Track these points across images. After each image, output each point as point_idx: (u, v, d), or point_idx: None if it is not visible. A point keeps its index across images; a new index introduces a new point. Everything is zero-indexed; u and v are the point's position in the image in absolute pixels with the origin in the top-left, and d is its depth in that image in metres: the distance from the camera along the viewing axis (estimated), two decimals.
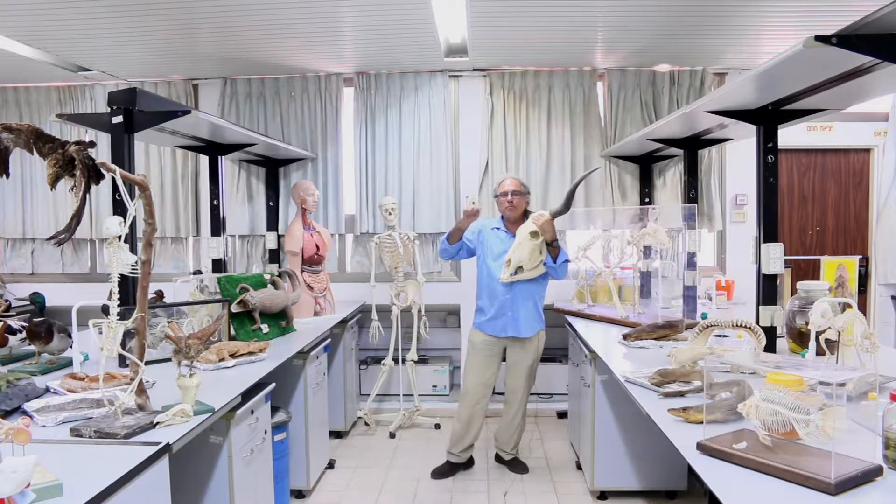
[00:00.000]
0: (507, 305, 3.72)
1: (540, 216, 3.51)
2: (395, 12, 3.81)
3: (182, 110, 3.14)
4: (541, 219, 3.49)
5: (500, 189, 3.78)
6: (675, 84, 5.06)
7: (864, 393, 2.06)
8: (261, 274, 3.95)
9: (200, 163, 5.21)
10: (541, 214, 3.52)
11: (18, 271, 5.49)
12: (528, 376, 3.87)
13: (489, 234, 3.82)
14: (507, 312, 3.73)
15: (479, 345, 3.85)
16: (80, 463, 1.75)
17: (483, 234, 3.83)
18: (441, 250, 3.91)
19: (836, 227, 5.39)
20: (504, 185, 3.78)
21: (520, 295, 3.70)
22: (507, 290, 3.69)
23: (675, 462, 3.46)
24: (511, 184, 3.75)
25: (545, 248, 3.57)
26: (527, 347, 3.81)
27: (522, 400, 3.92)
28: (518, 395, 3.89)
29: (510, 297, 3.70)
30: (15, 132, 2.26)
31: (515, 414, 3.93)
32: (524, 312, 3.73)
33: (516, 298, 3.71)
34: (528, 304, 3.73)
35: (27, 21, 3.81)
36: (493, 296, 3.75)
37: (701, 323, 2.70)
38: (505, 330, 3.76)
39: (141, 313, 2.10)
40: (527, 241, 3.51)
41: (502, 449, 4.03)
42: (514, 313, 3.72)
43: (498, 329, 3.77)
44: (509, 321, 3.74)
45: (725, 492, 1.57)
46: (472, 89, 5.20)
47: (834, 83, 2.47)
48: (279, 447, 3.21)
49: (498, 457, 4.09)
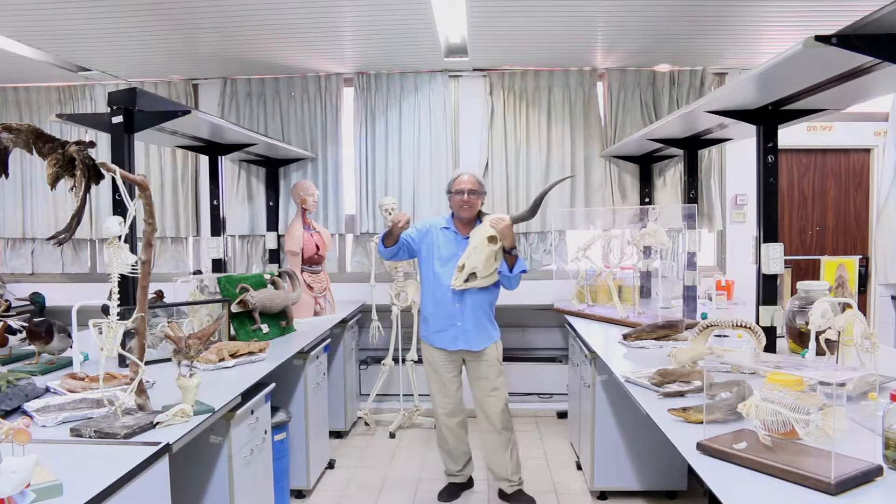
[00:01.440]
0: (457, 315, 3.35)
1: (500, 220, 3.23)
2: (395, 12, 3.81)
3: (182, 110, 3.14)
4: (501, 223, 3.21)
5: (456, 185, 3.40)
6: (675, 84, 5.06)
7: (864, 393, 2.06)
8: (261, 274, 3.95)
9: (200, 163, 5.21)
10: (500, 218, 3.25)
11: (18, 271, 5.49)
12: (496, 390, 3.44)
13: (437, 233, 3.43)
14: (457, 323, 3.36)
15: (435, 361, 3.47)
16: (80, 463, 1.75)
17: (431, 233, 3.44)
18: (379, 251, 3.51)
19: (836, 227, 5.39)
20: (460, 182, 3.39)
21: (470, 304, 3.33)
22: (456, 298, 3.32)
23: (675, 462, 3.46)
24: (468, 181, 3.38)
25: (501, 255, 3.27)
26: (485, 360, 3.42)
27: (502, 417, 3.44)
28: (493, 413, 3.42)
29: (459, 306, 3.34)
30: (15, 132, 2.26)
31: (499, 434, 3.44)
32: (475, 322, 3.36)
33: (466, 308, 3.34)
34: (478, 313, 3.36)
35: (27, 21, 3.81)
36: (439, 303, 3.38)
37: (701, 323, 2.70)
38: (455, 342, 3.39)
39: (141, 313, 2.10)
40: (483, 245, 3.22)
41: (501, 478, 3.49)
42: (465, 324, 3.35)
43: (447, 342, 3.40)
44: (459, 332, 3.37)
45: (725, 492, 1.57)
46: (472, 89, 5.20)
47: (834, 83, 2.47)
48: (279, 447, 3.21)
49: (501, 493, 3.54)
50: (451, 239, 3.41)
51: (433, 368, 3.49)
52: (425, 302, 3.47)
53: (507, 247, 3.24)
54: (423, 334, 3.51)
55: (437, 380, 3.49)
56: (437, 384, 3.49)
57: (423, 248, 3.46)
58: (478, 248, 3.22)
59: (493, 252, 3.23)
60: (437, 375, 3.48)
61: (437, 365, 3.47)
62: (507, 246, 3.24)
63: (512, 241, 3.24)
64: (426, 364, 3.53)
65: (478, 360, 3.43)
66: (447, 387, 3.48)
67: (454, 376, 3.49)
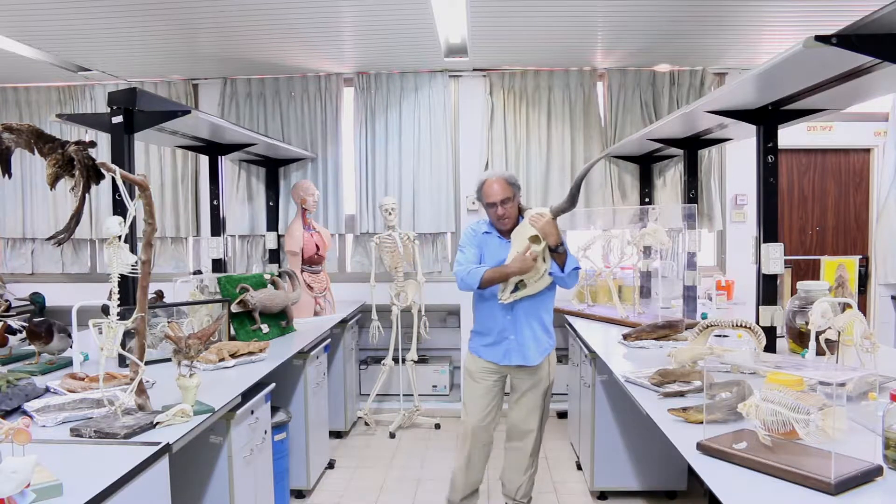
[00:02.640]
0: (509, 328, 3.03)
1: (539, 216, 2.90)
2: (395, 12, 3.81)
3: (182, 110, 3.14)
4: (540, 220, 2.88)
5: (486, 198, 3.00)
6: (675, 84, 5.06)
7: (864, 393, 2.06)
8: (261, 274, 3.95)
9: (200, 163, 5.21)
10: (540, 214, 2.91)
11: (18, 271, 5.49)
12: (539, 410, 3.12)
13: (482, 239, 3.10)
14: (510, 336, 3.03)
15: (478, 374, 3.12)
16: (80, 463, 1.75)
17: (479, 237, 3.12)
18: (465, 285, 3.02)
19: (836, 227, 5.39)
20: (489, 193, 2.98)
21: (523, 315, 3.01)
22: (507, 310, 3.00)
23: (675, 462, 3.46)
24: (499, 190, 2.96)
25: (549, 254, 2.93)
26: (536, 375, 3.09)
27: (535, 440, 3.15)
28: (528, 434, 3.13)
29: (511, 318, 3.01)
30: (16, 132, 2.26)
31: (525, 456, 3.15)
32: (530, 335, 3.02)
33: (519, 319, 3.01)
34: (533, 324, 3.03)
35: (27, 21, 3.81)
36: (490, 317, 3.05)
37: (701, 323, 2.70)
38: (508, 357, 3.05)
39: (141, 313, 2.10)
40: (526, 248, 2.91)
41: (510, 497, 3.23)
42: (519, 337, 3.02)
43: (499, 356, 3.06)
44: (513, 346, 3.03)
45: (725, 492, 1.57)
46: (472, 89, 5.20)
47: (834, 83, 2.47)
48: (279, 447, 3.21)
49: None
50: (497, 243, 3.05)
51: (473, 380, 3.13)
52: (478, 315, 3.14)
53: (551, 245, 2.89)
54: (471, 347, 3.17)
55: (475, 393, 3.12)
56: (475, 398, 3.12)
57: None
58: (521, 252, 2.90)
59: (539, 253, 2.89)
60: (477, 388, 3.12)
61: (479, 377, 3.11)
62: (552, 244, 2.89)
63: (557, 238, 2.89)
64: (466, 376, 3.19)
65: (530, 375, 3.08)
66: (485, 400, 3.10)
67: (497, 391, 3.13)
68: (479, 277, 2.92)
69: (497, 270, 2.92)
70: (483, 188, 3.02)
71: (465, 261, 3.04)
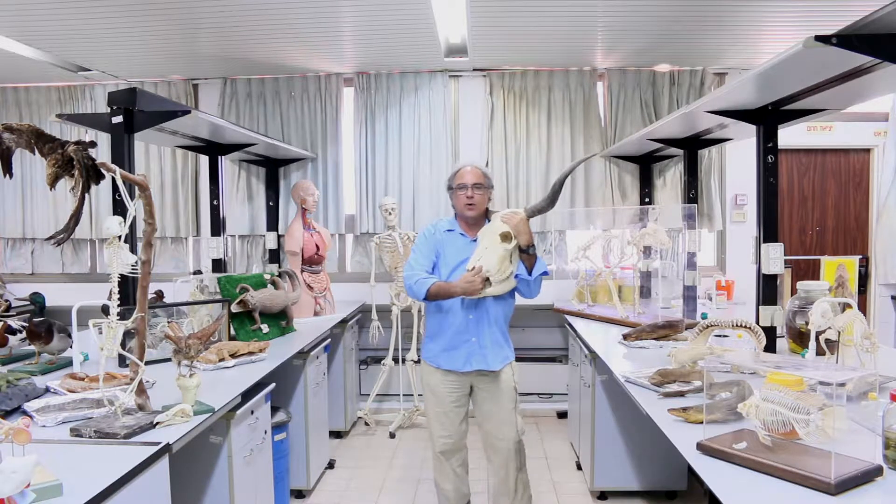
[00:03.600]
0: (471, 329, 2.82)
1: (513, 215, 2.72)
2: (395, 12, 3.81)
3: (182, 110, 3.14)
4: (514, 218, 2.70)
5: (457, 180, 2.88)
6: (675, 84, 5.06)
7: (864, 393, 2.06)
8: (261, 274, 3.95)
9: (200, 163, 5.21)
10: (514, 212, 2.75)
11: (18, 271, 5.49)
12: (510, 421, 2.89)
13: (444, 237, 2.91)
14: (471, 339, 2.82)
15: (438, 388, 2.90)
16: (80, 463, 1.75)
17: (438, 236, 2.93)
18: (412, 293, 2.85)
19: (836, 227, 5.39)
20: (462, 175, 2.86)
21: (485, 315, 2.83)
22: (468, 308, 2.81)
23: (675, 462, 3.46)
24: (472, 173, 2.85)
25: (518, 255, 2.75)
26: (500, 384, 2.89)
27: (517, 455, 2.92)
28: (506, 449, 2.89)
29: (474, 317, 2.82)
30: (16, 132, 2.26)
31: (507, 471, 2.91)
32: (491, 338, 2.84)
33: (482, 320, 2.82)
34: (493, 327, 2.85)
35: (27, 21, 3.81)
36: (448, 316, 2.85)
37: (701, 323, 2.70)
38: (469, 362, 2.83)
39: (141, 313, 2.10)
40: (496, 244, 2.69)
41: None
42: (480, 339, 2.82)
43: (459, 362, 2.84)
44: (474, 350, 2.83)
45: (725, 492, 1.57)
46: (472, 89, 5.20)
47: (834, 83, 2.47)
48: (279, 447, 3.21)
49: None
50: (461, 243, 2.89)
51: (434, 396, 2.92)
52: (431, 316, 2.93)
53: (522, 245, 2.71)
54: (426, 356, 2.95)
55: (438, 410, 2.92)
56: (438, 415, 2.93)
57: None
58: (489, 249, 2.70)
59: (508, 252, 2.70)
60: (439, 405, 2.92)
61: (440, 392, 2.90)
62: (524, 244, 2.71)
63: (529, 238, 2.72)
64: (426, 391, 2.97)
65: (492, 384, 2.89)
66: (449, 418, 2.91)
67: (459, 407, 2.92)
68: (425, 289, 2.76)
69: (444, 286, 2.75)
70: (456, 173, 2.92)
71: (416, 265, 2.86)
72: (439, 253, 2.89)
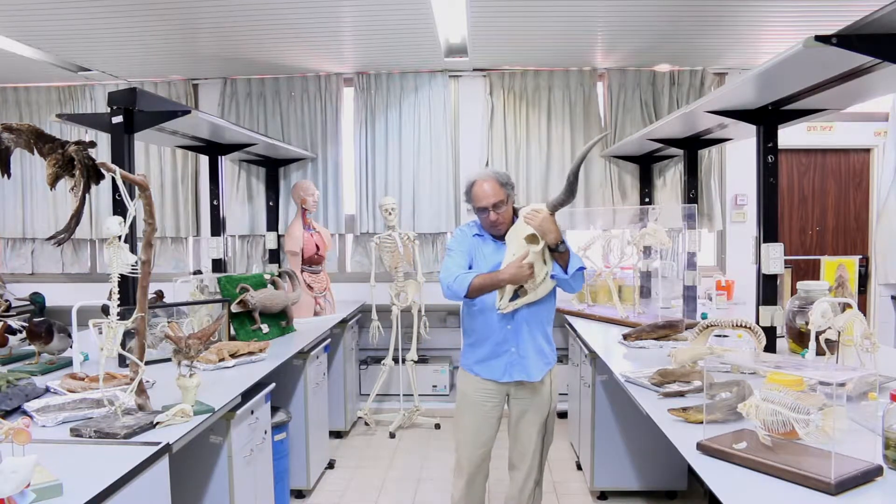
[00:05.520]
0: (510, 339, 2.68)
1: (535, 213, 2.55)
2: (395, 12, 3.81)
3: (182, 110, 3.14)
4: (537, 217, 2.53)
5: (476, 202, 2.69)
6: (675, 84, 5.06)
7: (864, 393, 2.06)
8: (261, 274, 3.95)
9: (200, 163, 5.21)
10: (536, 211, 2.56)
11: (18, 271, 5.49)
12: (541, 432, 2.79)
13: (473, 243, 2.76)
14: (511, 349, 2.69)
15: (474, 395, 2.76)
16: (80, 463, 1.75)
17: (469, 240, 2.78)
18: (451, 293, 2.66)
19: (836, 227, 5.39)
20: (479, 197, 2.66)
21: (525, 324, 2.68)
22: (506, 319, 2.66)
23: (675, 462, 3.46)
24: (491, 192, 2.64)
25: (549, 255, 2.60)
26: (538, 393, 2.75)
27: (536, 464, 2.82)
28: (528, 457, 2.80)
29: (512, 327, 2.67)
30: (16, 132, 2.26)
31: (527, 482, 2.82)
32: (533, 346, 2.70)
33: (521, 329, 2.68)
34: (536, 334, 2.71)
35: (27, 21, 3.81)
36: (486, 327, 2.70)
37: (701, 323, 2.70)
38: (509, 373, 2.70)
39: (141, 313, 2.10)
40: (523, 249, 2.56)
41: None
42: (520, 349, 2.68)
43: (498, 372, 2.71)
44: (514, 360, 2.69)
45: (725, 492, 1.57)
46: (472, 89, 5.20)
47: (834, 83, 2.47)
48: (279, 447, 3.21)
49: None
50: (491, 247, 2.74)
51: (470, 404, 2.77)
52: (468, 325, 2.79)
53: (551, 244, 2.55)
54: (463, 363, 2.81)
55: (472, 420, 2.76)
56: (472, 426, 2.77)
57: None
58: (517, 255, 2.56)
59: (538, 254, 2.55)
60: (474, 414, 2.76)
61: (477, 399, 2.75)
62: (552, 242, 2.54)
63: (557, 235, 2.55)
64: (460, 398, 2.82)
65: (531, 394, 2.75)
66: (482, 429, 2.76)
67: (495, 417, 2.78)
68: (466, 285, 2.58)
69: (488, 277, 2.59)
70: (472, 190, 2.69)
71: (453, 266, 2.69)
72: (473, 256, 2.74)
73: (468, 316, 2.78)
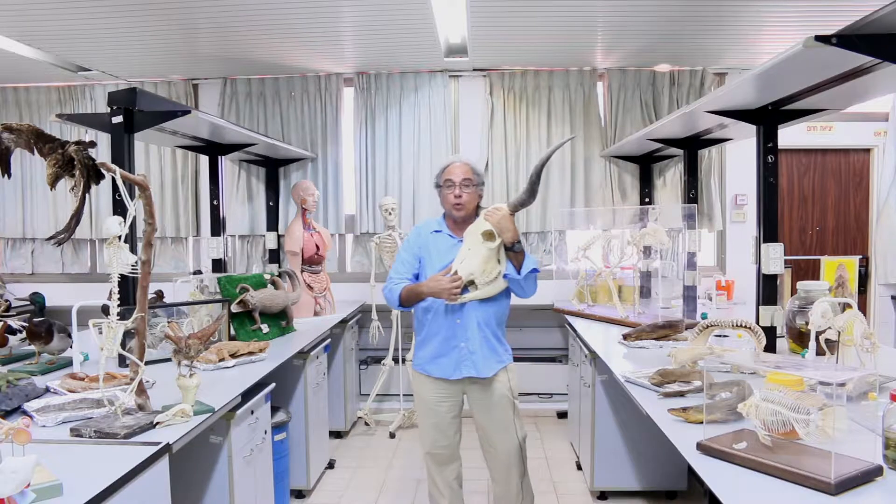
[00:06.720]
0: (459, 335, 2.66)
1: (495, 210, 2.56)
2: (395, 12, 3.81)
3: (182, 110, 3.14)
4: (496, 214, 2.55)
5: (445, 176, 2.71)
6: (675, 84, 5.06)
7: (864, 393, 2.06)
8: (261, 274, 3.95)
9: (200, 163, 5.21)
10: (496, 208, 2.58)
11: (18, 271, 5.49)
12: (508, 429, 2.74)
13: (430, 239, 2.76)
14: (460, 344, 2.66)
15: (429, 397, 2.75)
16: (80, 463, 1.75)
17: (421, 239, 2.78)
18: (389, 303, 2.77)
19: (836, 227, 5.39)
20: (451, 171, 2.70)
21: (475, 319, 2.66)
22: (455, 313, 2.65)
23: (675, 462, 3.46)
24: (461, 169, 2.68)
25: (504, 254, 2.61)
26: (493, 391, 2.72)
27: (518, 464, 2.78)
28: (505, 457, 2.76)
29: (462, 322, 2.65)
30: (16, 132, 2.26)
31: (511, 483, 2.79)
32: (484, 343, 2.68)
33: (470, 324, 2.65)
34: (485, 330, 2.68)
35: (27, 21, 3.81)
36: (435, 321, 2.70)
37: (701, 323, 2.70)
38: (459, 369, 2.68)
39: (141, 313, 2.10)
40: (479, 245, 2.56)
41: None
42: (470, 344, 2.66)
43: (449, 369, 2.69)
44: (464, 356, 2.67)
45: (725, 492, 1.57)
46: (472, 89, 5.20)
47: (834, 83, 2.47)
48: (279, 447, 3.21)
49: None
50: (445, 243, 2.74)
51: (426, 406, 2.78)
52: (418, 321, 2.79)
53: (507, 242, 2.58)
54: (415, 364, 2.81)
55: (431, 421, 2.78)
56: (432, 426, 2.78)
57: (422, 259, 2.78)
58: (472, 250, 2.57)
59: (493, 252, 2.56)
60: (432, 415, 2.77)
61: (431, 401, 2.75)
62: (508, 241, 2.57)
63: (515, 234, 2.57)
64: (417, 401, 2.84)
65: (486, 390, 2.73)
66: (442, 429, 2.77)
67: (453, 417, 2.78)
68: (396, 296, 2.67)
69: (412, 290, 2.65)
70: (444, 169, 2.74)
71: (394, 275, 2.75)
72: (423, 257, 2.75)
73: (418, 311, 2.78)
